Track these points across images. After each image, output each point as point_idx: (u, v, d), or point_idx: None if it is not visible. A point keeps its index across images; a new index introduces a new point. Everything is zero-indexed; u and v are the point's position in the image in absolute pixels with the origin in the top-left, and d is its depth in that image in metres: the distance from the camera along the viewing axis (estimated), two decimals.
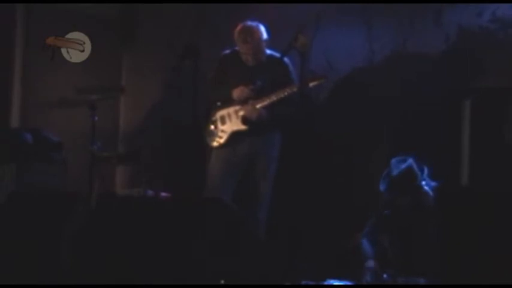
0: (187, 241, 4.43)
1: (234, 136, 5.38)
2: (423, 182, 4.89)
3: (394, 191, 4.88)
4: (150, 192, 5.63)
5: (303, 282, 4.92)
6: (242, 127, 5.36)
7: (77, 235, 4.79)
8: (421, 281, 4.63)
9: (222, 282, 4.38)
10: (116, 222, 4.64)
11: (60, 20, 5.40)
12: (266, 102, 5.27)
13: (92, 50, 5.21)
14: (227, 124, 5.41)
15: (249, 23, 5.36)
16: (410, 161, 4.90)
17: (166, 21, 6.76)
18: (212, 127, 5.45)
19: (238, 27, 5.35)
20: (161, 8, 6.68)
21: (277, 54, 5.32)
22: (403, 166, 4.87)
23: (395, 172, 4.86)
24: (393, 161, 4.94)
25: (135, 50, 6.95)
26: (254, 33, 5.31)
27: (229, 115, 5.40)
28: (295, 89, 5.11)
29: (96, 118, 5.71)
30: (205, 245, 4.42)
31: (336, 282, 5.01)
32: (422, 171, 4.92)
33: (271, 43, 5.41)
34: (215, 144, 5.43)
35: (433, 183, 4.94)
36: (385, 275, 4.76)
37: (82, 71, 6.31)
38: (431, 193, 4.88)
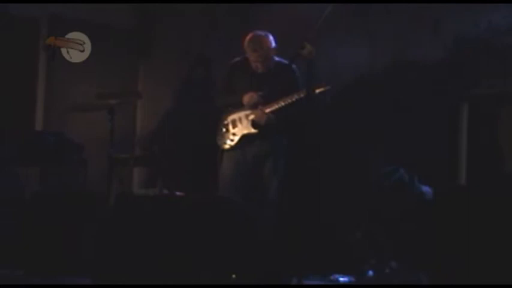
0: (199, 238, 4.58)
1: (245, 139, 5.48)
2: (414, 189, 5.06)
3: (386, 201, 5.07)
4: (165, 192, 5.65)
5: (310, 276, 5.06)
6: (252, 130, 5.46)
7: (96, 233, 4.95)
8: (421, 274, 4.76)
9: (234, 276, 4.56)
10: (133, 219, 4.78)
11: (80, 29, 5.52)
12: (274, 107, 5.37)
13: (110, 58, 5.31)
14: (238, 127, 5.50)
15: (259, 32, 5.46)
16: (401, 171, 5.08)
17: (180, 31, 6.89)
18: (224, 130, 5.55)
19: (248, 36, 5.44)
20: (175, 18, 6.84)
21: (285, 62, 5.41)
22: (394, 178, 5.06)
23: (386, 183, 5.06)
24: (384, 171, 5.12)
25: (151, 58, 7.08)
26: (263, 42, 5.41)
27: (240, 119, 5.50)
28: (302, 95, 5.18)
29: (114, 122, 5.74)
30: (216, 242, 4.58)
31: (341, 278, 5.21)
32: (412, 179, 5.09)
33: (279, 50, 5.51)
34: (227, 146, 5.52)
35: (424, 189, 5.11)
36: (387, 270, 4.93)
37: (101, 78, 6.52)
38: (423, 197, 5.05)
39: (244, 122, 5.51)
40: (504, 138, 5.55)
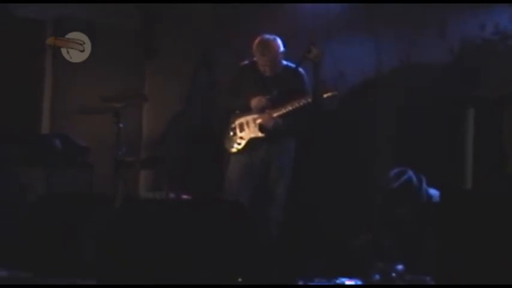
0: (206, 241, 4.56)
1: (252, 143, 5.49)
2: (422, 191, 5.07)
3: (393, 202, 5.07)
4: (171, 195, 5.73)
5: (315, 280, 5.03)
6: (259, 134, 5.47)
7: (101, 235, 4.87)
8: (427, 279, 4.76)
9: (240, 280, 4.54)
10: (139, 223, 4.71)
11: (86, 31, 5.51)
12: (282, 111, 5.38)
13: (116, 61, 5.27)
14: (245, 131, 5.52)
15: (267, 36, 5.45)
16: (409, 173, 5.07)
17: (184, 32, 6.90)
18: (231, 134, 5.56)
19: (257, 40, 5.44)
20: (180, 19, 6.85)
21: (293, 65, 5.40)
22: (402, 179, 5.05)
23: (395, 185, 5.06)
24: (392, 173, 5.11)
25: (156, 60, 7.07)
26: (271, 46, 5.41)
27: (247, 123, 5.51)
28: (309, 100, 5.20)
29: (120, 125, 5.65)
30: (222, 245, 4.56)
31: (347, 281, 5.16)
32: (421, 181, 5.09)
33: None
34: (233, 150, 5.54)
35: (432, 191, 5.11)
36: (393, 274, 4.92)
37: (107, 80, 6.50)
38: (431, 200, 5.05)
39: (252, 126, 5.52)
40: (510, 141, 5.56)
